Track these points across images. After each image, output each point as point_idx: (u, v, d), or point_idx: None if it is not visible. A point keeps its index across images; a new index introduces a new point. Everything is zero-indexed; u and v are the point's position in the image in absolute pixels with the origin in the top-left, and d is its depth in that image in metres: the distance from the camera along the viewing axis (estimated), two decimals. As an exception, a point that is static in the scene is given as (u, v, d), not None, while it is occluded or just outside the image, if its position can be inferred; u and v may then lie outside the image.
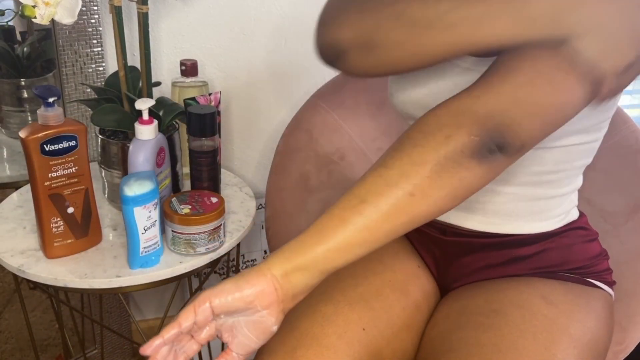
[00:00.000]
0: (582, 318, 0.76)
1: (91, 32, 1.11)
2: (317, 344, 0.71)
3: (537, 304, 0.76)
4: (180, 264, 0.88)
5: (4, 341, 1.27)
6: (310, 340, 0.71)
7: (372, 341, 0.74)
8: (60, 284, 0.83)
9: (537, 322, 0.73)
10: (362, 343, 0.74)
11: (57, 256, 0.87)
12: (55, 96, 0.79)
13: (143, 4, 0.92)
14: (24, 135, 0.79)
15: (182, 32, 1.21)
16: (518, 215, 0.81)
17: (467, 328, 0.74)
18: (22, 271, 0.84)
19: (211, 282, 1.37)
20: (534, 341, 0.70)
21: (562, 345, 0.71)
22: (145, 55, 0.95)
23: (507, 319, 0.73)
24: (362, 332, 0.74)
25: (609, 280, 0.85)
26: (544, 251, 0.83)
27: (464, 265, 0.86)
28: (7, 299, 1.24)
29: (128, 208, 0.81)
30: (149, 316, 1.51)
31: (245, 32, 1.25)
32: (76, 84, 1.13)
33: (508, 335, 0.71)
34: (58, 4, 0.79)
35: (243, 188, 1.12)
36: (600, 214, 0.99)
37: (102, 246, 0.91)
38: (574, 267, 0.83)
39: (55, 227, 0.85)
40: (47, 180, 0.82)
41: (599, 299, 0.81)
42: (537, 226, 0.83)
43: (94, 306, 1.30)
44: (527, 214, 0.81)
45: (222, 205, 0.90)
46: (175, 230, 0.87)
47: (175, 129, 1.00)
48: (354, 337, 0.73)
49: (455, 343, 0.72)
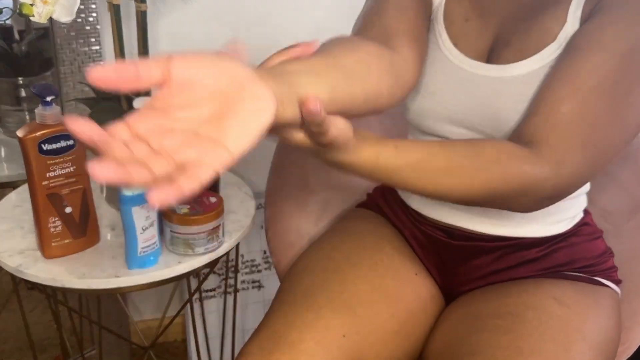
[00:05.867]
0: (594, 318, 0.77)
1: (89, 31, 1.11)
2: (294, 349, 0.72)
3: (550, 306, 0.76)
4: (178, 264, 0.87)
5: (2, 341, 1.26)
6: (287, 346, 0.72)
7: (353, 347, 0.75)
8: (58, 284, 0.83)
9: (553, 323, 0.73)
10: (342, 349, 0.74)
11: (55, 256, 0.86)
12: (53, 95, 0.79)
13: (142, 2, 0.92)
14: (21, 135, 0.79)
15: (181, 30, 1.20)
16: (531, 218, 0.81)
17: (485, 331, 0.74)
18: (20, 271, 0.84)
19: (210, 282, 1.37)
20: (553, 343, 0.71)
21: (578, 346, 0.72)
22: (143, 54, 0.95)
23: (524, 322, 0.74)
24: (342, 338, 0.74)
25: (615, 279, 0.85)
26: (551, 252, 0.83)
27: (473, 269, 0.85)
28: (5, 299, 1.24)
29: (126, 208, 0.80)
30: (147, 316, 1.50)
31: (245, 32, 1.24)
32: (74, 83, 1.13)
33: (528, 338, 0.71)
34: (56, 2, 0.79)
35: (242, 188, 1.11)
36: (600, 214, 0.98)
37: (100, 246, 0.91)
38: (581, 265, 0.83)
39: (53, 227, 0.84)
40: (45, 180, 0.81)
41: (607, 297, 0.81)
42: (549, 229, 0.83)
43: (92, 306, 1.29)
44: (540, 217, 0.81)
45: (221, 205, 0.89)
46: (173, 230, 0.87)
47: (174, 128, 1.00)
48: (332, 343, 0.74)
49: (476, 346, 0.72)
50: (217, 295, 1.39)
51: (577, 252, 0.83)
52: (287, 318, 0.76)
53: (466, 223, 0.83)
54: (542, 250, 0.83)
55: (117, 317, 1.35)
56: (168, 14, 1.18)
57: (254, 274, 1.41)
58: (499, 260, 0.84)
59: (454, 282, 0.87)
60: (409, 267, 0.87)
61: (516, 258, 0.83)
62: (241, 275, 1.40)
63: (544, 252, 0.83)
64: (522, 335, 0.72)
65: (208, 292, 1.38)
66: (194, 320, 1.13)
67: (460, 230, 0.84)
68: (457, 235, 0.85)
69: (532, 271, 0.83)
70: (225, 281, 1.34)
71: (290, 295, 0.80)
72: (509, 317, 0.75)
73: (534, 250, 0.83)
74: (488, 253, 0.84)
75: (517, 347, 0.70)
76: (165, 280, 0.87)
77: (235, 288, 1.25)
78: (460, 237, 0.84)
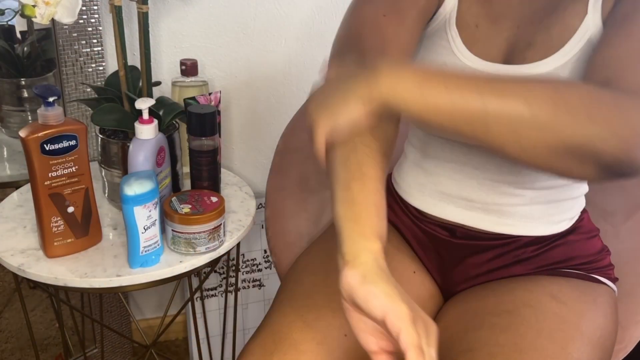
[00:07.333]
0: (591, 316, 0.77)
1: (91, 32, 1.11)
2: (295, 350, 0.72)
3: (547, 303, 0.76)
4: (180, 263, 0.88)
5: (4, 340, 1.27)
6: (288, 346, 0.73)
7: (354, 346, 0.75)
8: (61, 284, 0.84)
9: (550, 321, 0.74)
10: (343, 349, 0.74)
11: (57, 255, 0.87)
12: (55, 96, 0.80)
13: (143, 4, 0.93)
14: (24, 135, 0.80)
15: (182, 31, 1.21)
16: (533, 217, 0.82)
17: (483, 329, 0.75)
18: (22, 270, 0.85)
19: (211, 281, 1.38)
20: (551, 340, 0.71)
21: (576, 344, 0.73)
22: (145, 55, 0.95)
23: (521, 319, 0.74)
24: (344, 338, 0.75)
25: (612, 276, 0.85)
26: (548, 249, 0.83)
27: (471, 267, 0.86)
28: (8, 298, 1.24)
29: (128, 207, 0.81)
30: (149, 315, 1.51)
31: (246, 32, 1.25)
32: (76, 84, 1.13)
33: (526, 335, 0.72)
34: (58, 3, 0.79)
35: (243, 187, 1.12)
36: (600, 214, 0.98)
37: (102, 245, 0.91)
38: (578, 263, 0.83)
39: (56, 227, 0.85)
40: (47, 180, 0.82)
41: (604, 295, 0.82)
42: (550, 229, 0.83)
43: (94, 305, 1.30)
44: (542, 216, 0.82)
45: (222, 204, 0.90)
46: (175, 229, 0.87)
47: (175, 128, 1.00)
48: (334, 343, 0.74)
49: (473, 343, 0.73)
50: (218, 294, 1.39)
51: (574, 250, 0.84)
52: (288, 318, 0.76)
53: (468, 221, 0.84)
54: (540, 249, 0.83)
55: (119, 315, 1.36)
56: (169, 15, 1.19)
57: (255, 273, 1.41)
58: (496, 258, 0.84)
59: (453, 280, 0.88)
60: (407, 265, 0.87)
61: (514, 256, 0.84)
62: (242, 275, 1.40)
63: (541, 250, 0.83)
64: (519, 332, 0.72)
65: (209, 291, 1.38)
66: (195, 319, 1.13)
67: (462, 228, 0.85)
68: (458, 233, 0.85)
69: (529, 269, 0.83)
70: (226, 280, 1.34)
71: (290, 295, 0.81)
72: (506, 314, 0.75)
73: (531, 248, 0.83)
74: (487, 251, 0.84)
75: (514, 345, 0.71)
76: (166, 279, 0.88)
77: (236, 287, 1.25)
78: (461, 235, 0.85)
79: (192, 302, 1.10)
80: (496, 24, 0.79)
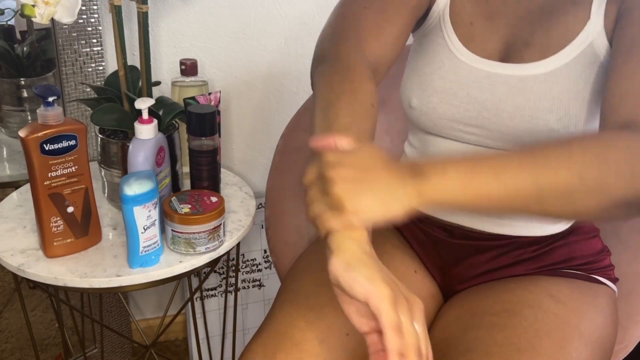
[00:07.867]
0: (590, 316, 0.77)
1: (91, 32, 1.11)
2: (297, 349, 0.72)
3: (546, 303, 0.76)
4: (180, 263, 0.88)
5: (4, 340, 1.27)
6: (290, 346, 0.72)
7: (356, 346, 0.75)
8: (60, 284, 0.83)
9: (549, 321, 0.74)
10: (345, 348, 0.74)
11: (57, 255, 0.87)
12: (55, 95, 0.79)
13: (143, 4, 0.92)
14: (23, 135, 0.79)
15: (182, 31, 1.21)
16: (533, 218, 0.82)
17: (482, 328, 0.75)
18: (22, 270, 0.85)
19: (211, 281, 1.38)
20: (550, 340, 0.71)
21: (575, 344, 0.72)
22: (145, 55, 0.95)
23: (520, 319, 0.74)
24: (346, 337, 0.75)
25: (612, 277, 0.85)
26: (549, 250, 0.83)
27: (471, 267, 0.86)
28: (7, 298, 1.24)
29: (128, 207, 0.81)
30: (149, 315, 1.51)
31: (245, 32, 1.25)
32: (76, 84, 1.13)
33: (524, 335, 0.72)
34: (58, 3, 0.79)
35: (243, 187, 1.12)
36: (600, 214, 0.99)
37: (102, 245, 0.91)
38: (578, 263, 0.83)
39: (55, 227, 0.85)
40: (46, 180, 0.82)
41: (604, 295, 0.82)
42: (550, 229, 0.83)
43: (93, 305, 1.30)
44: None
45: (222, 204, 0.90)
46: (175, 229, 0.87)
47: (175, 128, 1.00)
48: (336, 342, 0.74)
49: (472, 343, 0.73)
50: (218, 294, 1.39)
51: (574, 250, 0.84)
52: (289, 318, 0.76)
53: (466, 221, 0.84)
54: (540, 249, 0.83)
55: (119, 316, 1.36)
56: (169, 15, 1.19)
57: (255, 273, 1.41)
58: (496, 258, 0.84)
59: (452, 280, 0.88)
60: (408, 265, 0.87)
61: (513, 256, 0.84)
62: (242, 275, 1.40)
63: (541, 250, 0.83)
64: (517, 332, 0.72)
65: (209, 291, 1.38)
66: (195, 319, 1.13)
67: (461, 229, 0.85)
68: (457, 234, 0.85)
69: (529, 269, 0.83)
70: (226, 280, 1.34)
71: (292, 295, 0.81)
72: (505, 314, 0.75)
73: (531, 248, 0.83)
74: (486, 251, 0.84)
75: (513, 344, 0.70)
76: (166, 279, 0.88)
77: (236, 287, 1.25)
78: (460, 236, 0.85)
79: (192, 302, 1.10)
80: (491, 22, 0.79)
